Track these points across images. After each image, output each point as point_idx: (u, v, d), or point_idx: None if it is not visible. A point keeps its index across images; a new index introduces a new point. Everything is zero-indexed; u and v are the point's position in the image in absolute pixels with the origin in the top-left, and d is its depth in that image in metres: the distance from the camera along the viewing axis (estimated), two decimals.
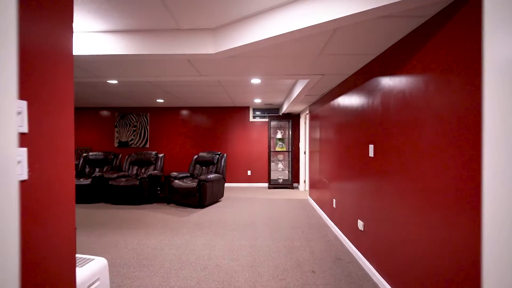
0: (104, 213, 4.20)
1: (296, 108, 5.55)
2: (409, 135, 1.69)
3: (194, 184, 4.51)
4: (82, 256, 1.46)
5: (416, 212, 1.61)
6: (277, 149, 6.50)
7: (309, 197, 5.16)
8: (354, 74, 2.72)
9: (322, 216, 3.98)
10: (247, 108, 6.62)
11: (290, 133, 6.45)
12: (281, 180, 6.44)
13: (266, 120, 6.60)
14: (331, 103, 3.54)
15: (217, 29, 2.05)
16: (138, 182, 4.68)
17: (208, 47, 2.09)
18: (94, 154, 5.59)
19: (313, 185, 4.79)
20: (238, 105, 6.35)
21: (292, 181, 6.41)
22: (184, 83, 4.04)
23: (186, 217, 3.97)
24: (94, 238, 3.07)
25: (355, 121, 2.63)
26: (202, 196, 4.50)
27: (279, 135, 6.46)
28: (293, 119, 6.45)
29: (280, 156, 6.56)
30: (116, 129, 6.68)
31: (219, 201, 5.05)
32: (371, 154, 2.25)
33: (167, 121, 6.65)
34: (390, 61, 1.97)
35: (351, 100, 2.78)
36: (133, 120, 6.65)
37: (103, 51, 2.16)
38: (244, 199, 5.22)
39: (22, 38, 0.72)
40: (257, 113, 6.64)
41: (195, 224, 3.62)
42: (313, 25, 1.54)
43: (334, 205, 3.38)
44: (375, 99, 2.18)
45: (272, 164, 6.54)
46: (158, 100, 5.67)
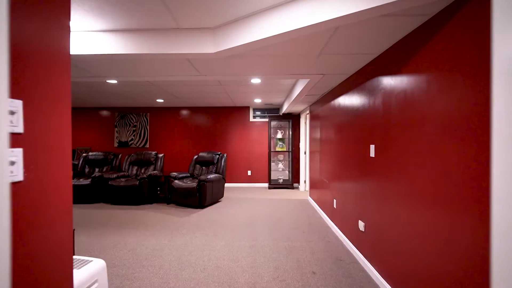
0: (103, 213, 4.18)
1: (296, 108, 5.54)
2: (411, 135, 1.67)
3: (194, 184, 4.49)
4: (80, 258, 1.45)
5: (419, 212, 1.59)
6: (277, 149, 6.48)
7: (309, 197, 5.14)
8: (355, 74, 2.71)
9: (322, 216, 3.96)
10: (247, 108, 6.60)
11: (290, 133, 6.43)
12: (281, 180, 6.42)
13: (266, 120, 6.58)
14: (332, 103, 3.52)
15: (217, 28, 2.04)
16: (138, 182, 4.67)
17: (207, 46, 2.08)
18: (94, 154, 5.58)
19: (314, 185, 4.77)
20: (238, 105, 6.33)
21: (292, 181, 6.39)
22: (184, 83, 4.03)
23: (186, 217, 3.95)
24: (93, 238, 3.06)
25: (356, 121, 2.61)
26: (202, 196, 4.48)
27: (279, 135, 6.44)
28: (293, 119, 6.43)
29: (280, 156, 6.54)
30: (116, 129, 6.67)
31: (219, 201, 5.03)
32: (372, 154, 2.23)
33: (167, 121, 6.64)
34: (391, 60, 1.95)
35: (352, 100, 2.76)
36: (133, 120, 6.64)
37: (102, 50, 2.15)
38: (244, 199, 5.21)
39: (15, 35, 0.70)
40: (257, 113, 6.62)
41: (195, 224, 3.60)
42: (314, 24, 1.53)
43: (334, 206, 3.36)
44: (377, 99, 2.17)
45: (272, 164, 6.52)
46: (158, 100, 5.66)
